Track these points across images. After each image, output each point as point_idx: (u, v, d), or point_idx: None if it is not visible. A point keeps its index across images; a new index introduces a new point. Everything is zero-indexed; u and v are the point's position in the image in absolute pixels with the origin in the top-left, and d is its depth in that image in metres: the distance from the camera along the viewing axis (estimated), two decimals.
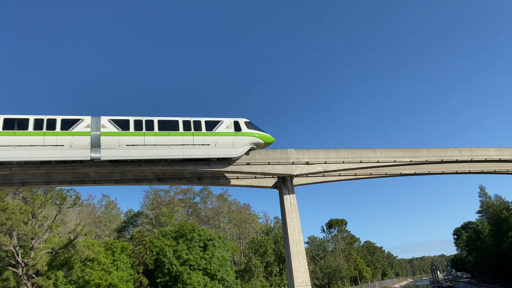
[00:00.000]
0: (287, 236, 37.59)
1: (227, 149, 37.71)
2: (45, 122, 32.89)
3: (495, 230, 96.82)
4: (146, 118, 36.31)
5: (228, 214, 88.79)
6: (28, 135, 31.94)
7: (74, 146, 32.91)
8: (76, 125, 33.62)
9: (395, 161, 42.03)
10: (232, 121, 39.18)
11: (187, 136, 36.72)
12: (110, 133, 34.38)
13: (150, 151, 35.10)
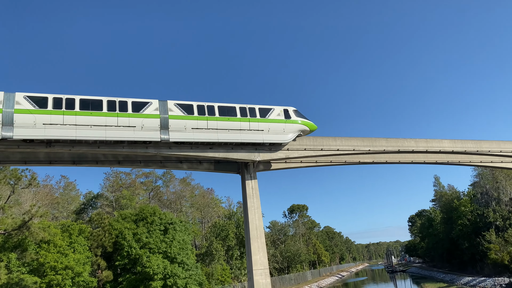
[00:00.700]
0: (248, 220, 38.13)
1: (278, 135, 40.08)
2: (117, 104, 33.99)
3: (446, 218, 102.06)
4: (208, 104, 38.16)
5: (191, 198, 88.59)
6: (103, 115, 32.97)
7: (144, 128, 34.16)
8: (146, 107, 34.83)
9: (354, 150, 43.29)
10: (282, 109, 41.52)
11: (244, 122, 38.72)
12: (177, 116, 35.73)
13: (212, 134, 36.83)
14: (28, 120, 30.73)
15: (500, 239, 74.89)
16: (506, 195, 79.33)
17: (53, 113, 31.59)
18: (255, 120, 39.35)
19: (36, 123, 30.92)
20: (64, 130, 31.51)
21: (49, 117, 31.37)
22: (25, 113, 30.84)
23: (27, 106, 31.12)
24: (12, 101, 30.97)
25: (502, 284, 61.70)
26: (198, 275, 59.95)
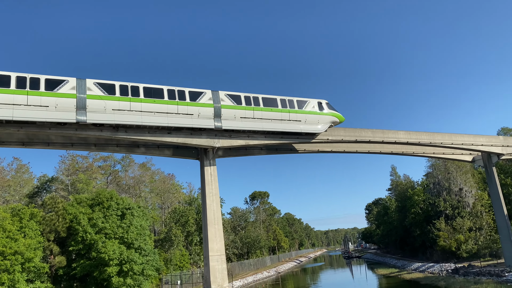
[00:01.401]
0: (205, 206, 38.02)
1: (313, 125, 43.33)
2: (177, 93, 36.33)
3: (401, 207, 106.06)
4: (253, 95, 41.06)
5: (151, 184, 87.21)
6: (165, 103, 35.25)
7: (201, 116, 36.84)
8: (201, 97, 37.40)
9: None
10: (317, 102, 44.56)
11: (285, 113, 41.76)
12: (228, 106, 38.59)
13: (257, 123, 40.01)
14: (99, 106, 32.84)
15: (448, 227, 78.74)
16: (456, 186, 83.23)
17: (122, 99, 33.86)
18: (294, 111, 42.36)
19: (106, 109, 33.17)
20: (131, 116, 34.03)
21: (117, 103, 33.66)
22: (96, 98, 32.99)
23: (97, 92, 33.27)
24: (84, 87, 32.76)
25: (448, 269, 65.01)
26: (156, 260, 59.42)
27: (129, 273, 52.57)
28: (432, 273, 66.91)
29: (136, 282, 53.86)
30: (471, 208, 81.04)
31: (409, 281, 61.92)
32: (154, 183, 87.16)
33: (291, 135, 43.01)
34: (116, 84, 33.91)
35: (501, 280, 49.61)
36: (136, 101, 33.87)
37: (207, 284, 36.65)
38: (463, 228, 77.29)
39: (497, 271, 52.94)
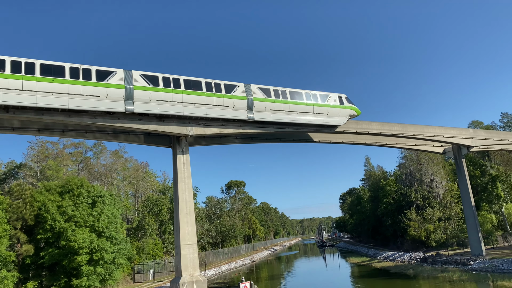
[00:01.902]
0: (177, 195, 37.51)
1: (335, 118, 45.95)
2: (214, 86, 38.15)
3: (373, 197, 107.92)
4: (281, 89, 43.56)
5: (124, 172, 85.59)
6: (203, 95, 37.16)
7: (235, 108, 38.99)
8: (235, 90, 39.41)
9: (288, 128, 43.88)
10: (337, 96, 47.16)
11: (309, 106, 44.44)
12: (259, 98, 40.49)
13: (284, 115, 42.48)
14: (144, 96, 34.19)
15: (419, 217, 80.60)
16: (427, 177, 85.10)
17: (165, 90, 35.32)
18: (318, 104, 45.00)
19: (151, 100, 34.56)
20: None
21: (161, 94, 35.05)
22: (142, 89, 34.24)
23: (143, 83, 34.48)
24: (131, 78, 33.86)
25: (417, 258, 66.69)
26: (128, 249, 58.58)
27: (99, 261, 51.62)
28: (402, 261, 68.51)
29: (107, 271, 52.99)
30: (441, 199, 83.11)
31: (379, 270, 63.16)
32: (127, 171, 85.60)
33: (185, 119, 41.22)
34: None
35: (467, 268, 51.17)
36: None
37: (178, 273, 36.32)
38: (433, 218, 79.26)
39: (463, 260, 54.57)
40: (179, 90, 35.83)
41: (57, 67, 31.01)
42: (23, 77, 29.31)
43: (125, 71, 33.83)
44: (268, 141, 49.84)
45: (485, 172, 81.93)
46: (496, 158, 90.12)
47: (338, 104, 46.56)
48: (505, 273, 44.56)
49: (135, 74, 34.19)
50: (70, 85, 30.79)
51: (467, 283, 41.89)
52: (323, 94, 46.05)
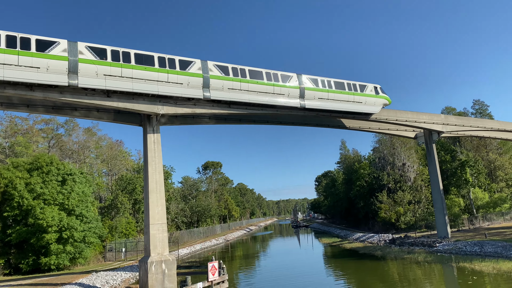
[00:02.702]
0: (147, 174, 36.99)
1: (371, 106, 49.66)
2: (167, 61, 36.28)
3: (347, 179, 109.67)
4: (327, 79, 46.53)
5: (97, 150, 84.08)
6: (155, 71, 35.22)
7: (190, 86, 37.10)
8: (191, 67, 37.34)
9: (262, 110, 43.61)
10: (373, 86, 50.59)
11: (351, 95, 47.75)
12: (216, 76, 38.56)
13: (329, 104, 45.87)
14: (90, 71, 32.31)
15: (390, 200, 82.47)
16: (400, 161, 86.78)
17: (113, 65, 33.30)
18: (358, 94, 48.27)
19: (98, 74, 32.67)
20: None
21: (109, 69, 33.12)
22: (88, 63, 32.55)
23: (89, 56, 32.75)
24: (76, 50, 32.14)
25: (386, 239, 68.44)
26: (99, 227, 58.06)
27: (69, 240, 51.05)
28: (372, 243, 70.24)
29: (77, 249, 52.50)
30: (412, 183, 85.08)
31: (349, 250, 64.64)
32: (100, 149, 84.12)
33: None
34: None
35: (432, 250, 52.85)
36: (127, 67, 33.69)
37: (147, 252, 36.12)
38: (403, 201, 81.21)
39: (430, 242, 56.31)
40: (129, 64, 33.88)
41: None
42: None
43: (70, 42, 31.82)
44: (252, 122, 48.99)
45: (455, 157, 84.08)
46: (466, 144, 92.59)
47: (374, 93, 50.47)
48: (467, 255, 46.20)
49: (81, 46, 32.23)
50: (5, 55, 29.12)
51: (431, 264, 43.24)
52: (362, 84, 49.79)
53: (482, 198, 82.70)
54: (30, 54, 29.85)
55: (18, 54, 29.51)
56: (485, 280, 32.24)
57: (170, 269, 35.32)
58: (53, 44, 31.13)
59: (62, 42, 31.60)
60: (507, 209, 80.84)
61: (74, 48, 31.84)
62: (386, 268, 44.17)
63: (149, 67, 34.89)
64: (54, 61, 30.67)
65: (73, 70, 31.38)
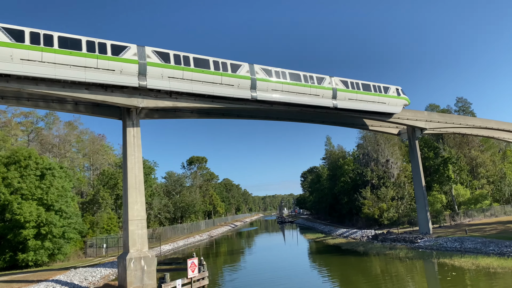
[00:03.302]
0: (126, 169, 36.25)
1: (394, 107, 54.21)
2: (97, 46, 33.72)
3: (332, 175, 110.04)
4: (355, 81, 50.77)
5: (78, 144, 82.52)
6: (82, 56, 32.50)
7: (123, 73, 34.58)
8: (124, 52, 34.98)
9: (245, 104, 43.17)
10: (395, 88, 55.03)
11: (377, 96, 52.07)
12: (154, 63, 36.10)
13: (354, 104, 49.85)
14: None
15: (373, 196, 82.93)
16: (384, 157, 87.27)
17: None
18: (383, 95, 52.49)
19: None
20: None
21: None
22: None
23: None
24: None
25: (369, 235, 68.76)
26: (79, 223, 57.01)
27: (47, 236, 49.94)
28: (355, 238, 70.51)
29: (56, 245, 51.43)
30: (395, 179, 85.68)
31: (332, 246, 64.77)
32: (81, 143, 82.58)
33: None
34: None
35: (413, 246, 53.18)
36: (49, 51, 30.56)
37: (126, 248, 35.45)
38: (387, 197, 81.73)
39: (411, 238, 56.67)
40: (51, 48, 30.86)
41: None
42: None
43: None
44: (236, 117, 48.14)
45: (438, 154, 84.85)
46: (449, 141, 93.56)
47: (395, 95, 54.47)
48: (448, 251, 46.57)
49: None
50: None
51: (412, 260, 43.44)
52: (386, 86, 53.88)
53: (463, 194, 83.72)
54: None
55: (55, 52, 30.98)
56: (464, 276, 32.43)
57: (149, 266, 34.72)
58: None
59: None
60: (487, 205, 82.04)
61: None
62: (368, 264, 44.28)
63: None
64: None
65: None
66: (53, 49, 30.78)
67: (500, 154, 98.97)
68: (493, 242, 44.84)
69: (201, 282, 32.32)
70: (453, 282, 30.74)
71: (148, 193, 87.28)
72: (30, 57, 29.67)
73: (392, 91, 53.97)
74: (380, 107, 52.20)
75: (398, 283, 32.83)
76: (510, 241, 44.38)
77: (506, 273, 31.90)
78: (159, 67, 35.70)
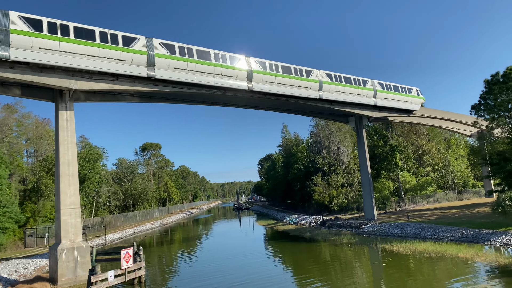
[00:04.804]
0: (59, 155, 34.20)
1: (414, 105, 65.61)
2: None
3: (286, 162, 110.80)
4: (386, 83, 62.08)
5: (20, 128, 77.71)
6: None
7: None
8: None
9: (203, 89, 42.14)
10: (415, 89, 65.92)
11: (402, 96, 63.53)
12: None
13: (393, 102, 62.58)
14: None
15: (324, 183, 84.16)
16: (335, 145, 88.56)
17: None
18: (407, 95, 64.14)
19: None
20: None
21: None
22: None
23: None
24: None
25: (318, 221, 69.77)
26: (15, 212, 53.95)
27: None
28: (304, 225, 71.34)
29: None
30: (346, 166, 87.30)
31: (281, 232, 65.09)
32: (22, 127, 77.84)
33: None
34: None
35: (358, 231, 54.33)
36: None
37: (58, 239, 33.60)
38: (337, 184, 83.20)
39: (357, 224, 57.90)
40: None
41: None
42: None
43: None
44: (181, 102, 47.00)
45: (387, 142, 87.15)
46: (397, 130, 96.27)
47: (416, 95, 65.66)
48: (389, 236, 47.81)
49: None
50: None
51: (354, 246, 44.05)
52: (408, 87, 64.65)
53: (410, 181, 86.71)
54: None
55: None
56: (399, 261, 33.14)
57: (83, 257, 33.17)
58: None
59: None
60: (432, 192, 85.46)
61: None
62: (310, 250, 44.42)
63: (136, 49, 35.93)
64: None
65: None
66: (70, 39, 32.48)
67: (445, 143, 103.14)
68: (431, 228, 46.45)
69: (137, 273, 31.11)
70: (389, 268, 31.35)
71: (96, 180, 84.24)
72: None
73: (414, 92, 65.33)
74: (405, 105, 64.02)
75: (328, 268, 33.05)
76: (447, 226, 46.19)
77: (439, 257, 32.91)
78: (166, 58, 37.98)
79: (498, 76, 52.17)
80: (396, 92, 61.39)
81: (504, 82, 50.51)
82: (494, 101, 52.13)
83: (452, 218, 53.02)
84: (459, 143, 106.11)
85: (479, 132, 74.05)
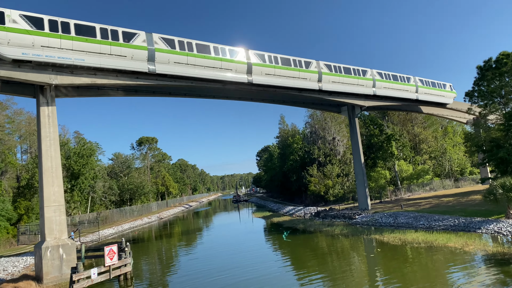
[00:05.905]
0: (41, 152, 33.65)
1: (449, 99, 73.01)
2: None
3: (282, 154, 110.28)
4: (425, 79, 68.16)
5: (11, 125, 77.13)
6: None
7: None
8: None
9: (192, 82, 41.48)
10: (449, 85, 72.82)
11: (438, 91, 70.65)
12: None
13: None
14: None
15: (320, 173, 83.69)
16: (330, 135, 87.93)
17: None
18: (443, 90, 71.55)
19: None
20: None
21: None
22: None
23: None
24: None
25: (312, 212, 69.43)
26: (6, 209, 53.82)
27: None
28: (299, 216, 70.99)
29: None
30: (341, 156, 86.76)
31: (276, 224, 64.68)
32: (15, 124, 77.27)
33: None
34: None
35: (351, 222, 53.92)
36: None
37: (42, 237, 33.21)
38: (332, 174, 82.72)
39: (350, 214, 57.51)
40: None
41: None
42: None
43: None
44: (168, 95, 46.46)
45: (383, 131, 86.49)
46: (393, 118, 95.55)
47: (449, 90, 72.48)
48: (382, 226, 47.37)
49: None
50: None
51: (346, 237, 43.58)
52: (443, 83, 71.90)
53: (406, 170, 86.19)
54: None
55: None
56: (388, 252, 32.71)
57: (69, 254, 32.80)
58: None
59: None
60: (428, 180, 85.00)
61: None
62: (297, 241, 43.93)
63: (136, 45, 36.22)
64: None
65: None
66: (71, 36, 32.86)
67: (442, 130, 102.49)
68: (424, 217, 46.00)
69: (122, 270, 30.70)
70: (377, 259, 30.94)
71: (90, 176, 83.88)
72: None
73: (448, 87, 72.02)
74: (441, 99, 71.44)
75: (313, 260, 32.61)
76: (439, 215, 45.74)
77: (428, 247, 32.49)
78: (166, 53, 38.13)
79: (491, 62, 51.49)
80: (395, 81, 62.69)
81: (497, 68, 49.82)
82: (487, 87, 51.48)
83: (446, 206, 52.59)
84: (457, 130, 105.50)
85: (475, 119, 73.39)
